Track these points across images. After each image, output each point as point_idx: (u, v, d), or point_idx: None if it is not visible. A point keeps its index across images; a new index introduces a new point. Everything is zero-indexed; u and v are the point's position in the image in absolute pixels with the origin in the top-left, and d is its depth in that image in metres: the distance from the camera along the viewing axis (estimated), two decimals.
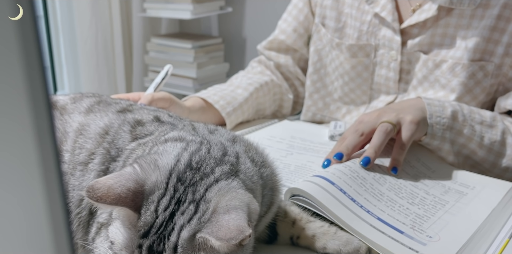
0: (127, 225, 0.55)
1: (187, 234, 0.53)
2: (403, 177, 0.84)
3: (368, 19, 1.12)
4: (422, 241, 0.69)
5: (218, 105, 1.13)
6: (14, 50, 0.26)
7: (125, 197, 0.54)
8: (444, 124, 0.91)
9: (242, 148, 0.66)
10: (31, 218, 0.29)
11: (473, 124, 0.94)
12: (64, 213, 0.29)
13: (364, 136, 0.86)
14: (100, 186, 0.53)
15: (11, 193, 0.29)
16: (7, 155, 0.28)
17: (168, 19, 2.68)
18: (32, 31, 0.26)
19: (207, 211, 0.54)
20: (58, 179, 0.29)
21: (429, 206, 0.78)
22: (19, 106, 0.27)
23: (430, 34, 1.06)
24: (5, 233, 0.30)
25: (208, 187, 0.56)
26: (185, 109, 1.07)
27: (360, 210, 0.71)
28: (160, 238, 0.53)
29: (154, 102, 0.97)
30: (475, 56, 1.02)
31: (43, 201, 0.28)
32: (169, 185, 0.56)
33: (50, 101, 0.27)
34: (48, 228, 0.29)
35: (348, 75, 1.18)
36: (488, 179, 0.89)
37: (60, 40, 2.50)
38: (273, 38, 1.29)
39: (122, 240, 0.55)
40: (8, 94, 0.27)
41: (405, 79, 1.12)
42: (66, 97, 0.78)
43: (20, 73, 0.26)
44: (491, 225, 0.74)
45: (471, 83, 1.03)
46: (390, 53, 1.11)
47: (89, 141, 0.70)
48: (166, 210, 0.54)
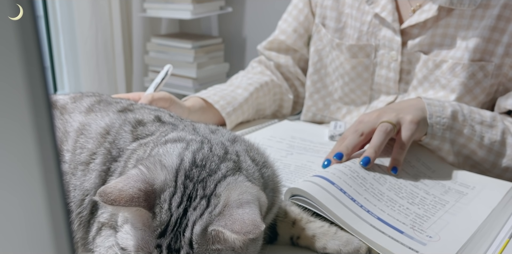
0: (141, 226, 0.55)
1: (199, 228, 0.54)
2: (403, 176, 0.84)
3: (368, 19, 1.12)
4: (422, 241, 0.69)
5: (218, 105, 1.13)
6: (14, 50, 0.26)
7: (138, 197, 0.54)
8: (444, 124, 0.91)
9: (242, 147, 0.66)
10: (31, 217, 0.29)
11: (473, 124, 0.94)
12: (64, 213, 0.29)
13: (364, 136, 0.86)
14: (111, 190, 0.54)
15: (11, 193, 0.29)
16: (7, 154, 0.28)
17: (168, 19, 2.68)
18: (32, 31, 0.26)
19: (218, 205, 0.55)
20: (58, 178, 0.29)
21: (429, 206, 0.78)
22: (19, 106, 0.27)
23: (430, 34, 1.06)
24: (5, 233, 0.30)
25: (218, 182, 0.57)
26: (185, 110, 1.07)
27: (360, 209, 0.71)
28: (176, 235, 0.54)
29: (154, 102, 0.97)
30: (475, 56, 1.02)
31: (43, 201, 0.28)
32: (178, 182, 0.56)
33: (50, 101, 0.27)
34: (48, 227, 0.29)
35: (348, 76, 1.18)
36: (488, 179, 0.89)
37: (60, 40, 2.50)
38: (273, 39, 1.29)
39: (136, 243, 0.55)
40: (8, 94, 0.27)
41: (405, 80, 1.12)
42: (66, 97, 0.78)
43: (20, 73, 0.26)
44: (491, 225, 0.75)
45: (471, 83, 1.03)
46: (390, 53, 1.11)
47: (90, 141, 0.70)
48: (179, 207, 0.55)
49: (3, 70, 0.26)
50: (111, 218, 0.65)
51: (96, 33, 2.45)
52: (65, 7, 2.43)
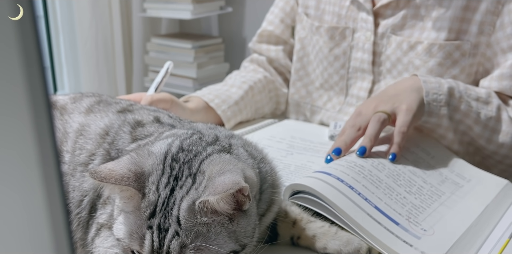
0: (131, 209, 0.57)
1: (186, 204, 0.55)
2: (403, 162, 0.85)
3: (346, 4, 1.15)
4: (416, 234, 0.69)
5: (213, 103, 1.14)
6: (14, 50, 0.26)
7: (128, 177, 0.56)
8: (441, 101, 0.92)
9: (239, 142, 0.67)
10: (31, 218, 0.29)
11: (469, 100, 0.95)
12: (63, 213, 0.29)
13: (361, 131, 0.88)
14: (101, 169, 0.56)
15: (11, 193, 0.29)
16: (7, 155, 0.28)
17: (168, 19, 2.68)
18: (32, 31, 0.26)
19: (203, 181, 0.56)
20: (58, 179, 0.29)
21: (425, 196, 0.78)
22: (19, 105, 0.27)
23: (402, 15, 1.07)
24: (6, 233, 0.30)
25: (202, 161, 0.58)
26: (187, 111, 1.07)
27: (358, 197, 0.72)
28: (165, 215, 0.55)
29: (154, 104, 0.97)
30: (450, 36, 1.03)
31: (43, 201, 0.28)
32: (165, 165, 0.58)
33: (49, 101, 0.27)
34: (48, 228, 0.29)
35: (327, 60, 1.19)
36: (484, 174, 0.90)
37: (60, 40, 2.50)
38: (262, 30, 1.32)
39: (130, 228, 0.56)
40: (8, 94, 0.27)
41: (379, 63, 1.12)
42: (66, 97, 0.78)
43: (20, 73, 0.26)
44: (483, 223, 0.75)
45: (448, 63, 1.04)
46: (365, 34, 1.12)
47: (89, 142, 0.70)
48: (166, 187, 0.56)
49: (3, 70, 0.26)
50: (110, 219, 0.65)
51: (96, 33, 2.45)
52: (65, 7, 2.43)
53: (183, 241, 0.54)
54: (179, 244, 0.54)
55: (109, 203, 0.66)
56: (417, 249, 0.66)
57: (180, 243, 0.54)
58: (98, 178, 0.55)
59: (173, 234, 0.54)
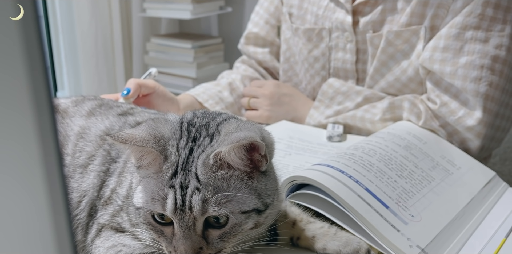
0: (153, 172, 0.58)
1: (202, 158, 0.57)
2: (394, 148, 0.86)
3: (324, 4, 1.14)
4: (404, 219, 0.70)
5: (207, 104, 1.18)
6: (16, 50, 0.26)
7: (148, 140, 0.57)
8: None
9: None
10: (33, 219, 0.29)
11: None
12: (66, 215, 0.29)
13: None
14: (121, 133, 0.58)
15: (14, 195, 0.29)
16: (10, 157, 0.28)
17: (168, 19, 2.68)
18: (35, 31, 0.26)
19: (219, 138, 0.58)
20: (60, 180, 0.29)
21: (416, 180, 0.79)
22: (22, 106, 0.27)
23: (380, 10, 1.07)
24: (8, 233, 0.30)
25: (219, 123, 0.61)
26: (175, 102, 1.11)
27: (349, 180, 0.73)
28: (185, 173, 0.57)
29: (138, 87, 1.03)
30: (413, 21, 1.02)
31: (45, 203, 0.29)
32: (182, 129, 0.60)
33: (52, 100, 0.27)
34: (50, 229, 0.29)
35: (307, 61, 1.20)
36: (474, 162, 0.92)
37: (60, 40, 2.50)
38: (248, 32, 1.32)
39: (151, 192, 0.57)
40: (11, 95, 0.27)
41: (362, 60, 1.13)
42: (68, 100, 0.79)
43: (23, 73, 0.26)
44: (468, 215, 0.77)
45: (407, 48, 1.05)
46: (344, 34, 1.12)
47: (89, 144, 0.70)
48: (186, 148, 0.58)
49: (5, 70, 0.26)
50: (112, 219, 0.65)
51: (96, 33, 2.45)
52: (65, 7, 2.43)
53: (204, 195, 0.55)
54: (201, 199, 0.55)
55: (110, 204, 0.66)
56: (404, 235, 0.68)
57: (201, 198, 0.55)
58: (120, 140, 0.56)
59: (193, 190, 0.56)
